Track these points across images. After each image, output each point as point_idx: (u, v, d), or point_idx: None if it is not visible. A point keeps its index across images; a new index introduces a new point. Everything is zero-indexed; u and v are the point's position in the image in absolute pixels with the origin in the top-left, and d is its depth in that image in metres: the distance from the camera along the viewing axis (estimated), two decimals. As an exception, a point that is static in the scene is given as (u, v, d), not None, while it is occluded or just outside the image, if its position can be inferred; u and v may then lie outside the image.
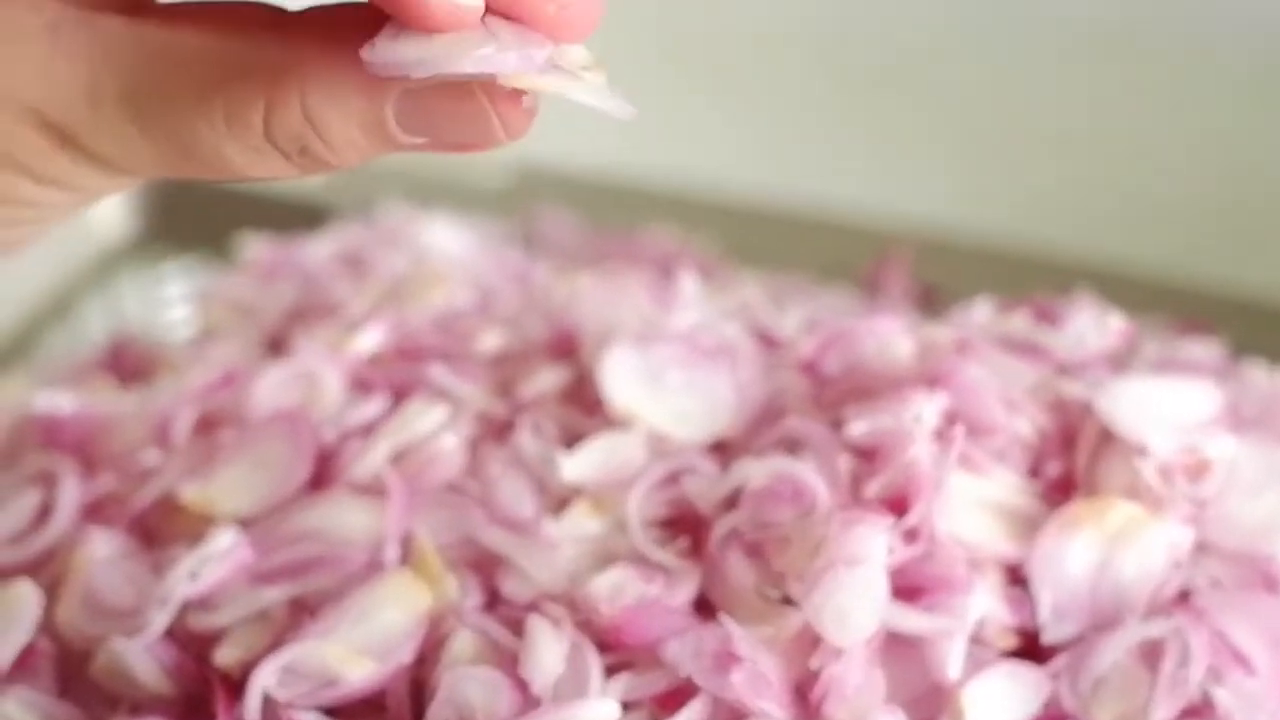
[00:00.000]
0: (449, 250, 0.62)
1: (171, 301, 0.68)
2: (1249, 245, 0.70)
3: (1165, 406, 0.49)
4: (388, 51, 0.33)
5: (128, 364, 0.59)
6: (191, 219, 0.73)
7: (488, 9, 0.34)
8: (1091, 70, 0.83)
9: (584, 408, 0.51)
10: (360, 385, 0.53)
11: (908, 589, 0.45)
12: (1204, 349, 0.56)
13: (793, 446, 0.48)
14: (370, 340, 0.54)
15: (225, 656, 0.46)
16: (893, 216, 0.70)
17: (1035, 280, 0.61)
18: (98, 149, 0.36)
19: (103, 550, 0.49)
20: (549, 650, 0.44)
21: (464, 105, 0.34)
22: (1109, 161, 0.77)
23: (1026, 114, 0.80)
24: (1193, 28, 0.83)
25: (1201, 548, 0.47)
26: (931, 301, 0.62)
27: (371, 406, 0.52)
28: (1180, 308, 0.63)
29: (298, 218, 0.68)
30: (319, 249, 0.62)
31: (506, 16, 0.34)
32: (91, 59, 0.35)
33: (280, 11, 0.36)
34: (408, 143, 0.35)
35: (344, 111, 0.35)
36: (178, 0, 0.37)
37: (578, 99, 0.34)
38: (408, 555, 0.47)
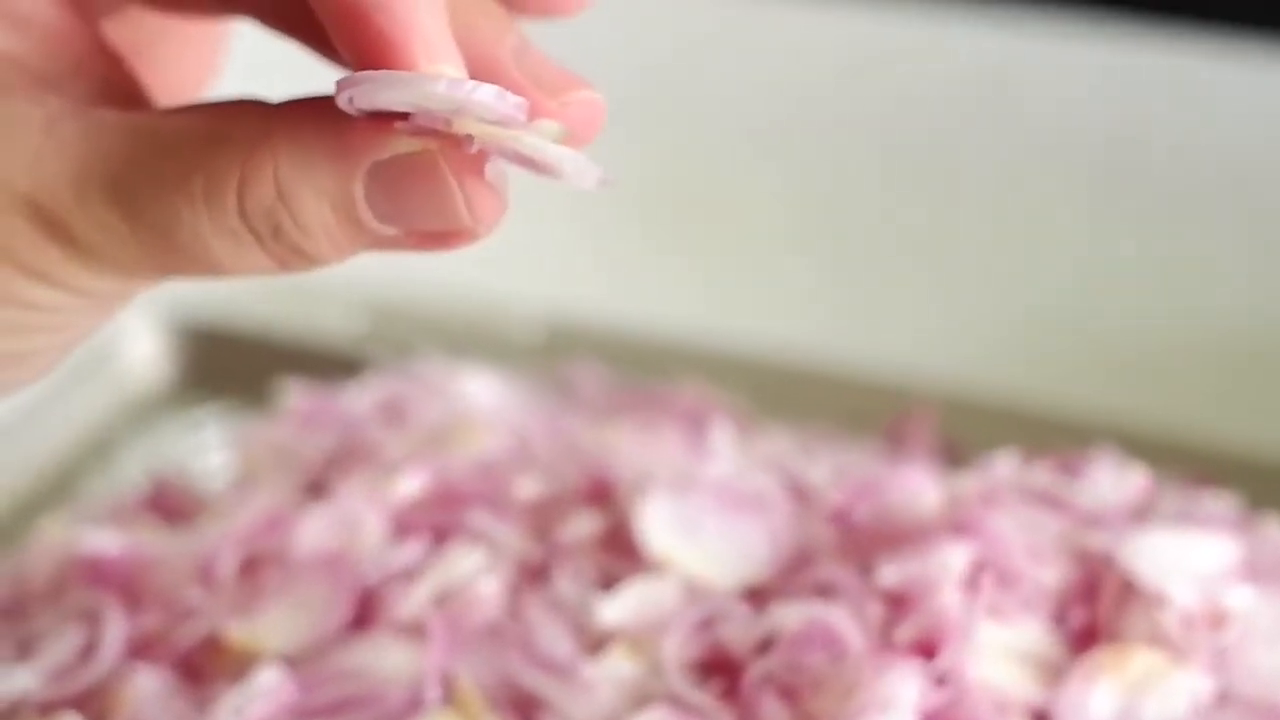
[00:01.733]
0: (485, 400, 0.63)
1: (209, 447, 0.69)
2: (1266, 402, 0.71)
3: (1185, 558, 0.50)
4: (359, 76, 0.34)
5: (170, 506, 0.60)
6: (226, 366, 0.75)
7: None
8: (1110, 227, 0.84)
9: (619, 553, 0.52)
10: (401, 529, 0.54)
11: (938, 732, 0.46)
12: (1220, 503, 0.57)
13: (824, 592, 0.49)
14: (410, 485, 0.55)
15: (268, 793, 0.47)
16: (914, 373, 0.71)
17: (1054, 436, 0.62)
18: (86, 238, 0.36)
19: (148, 686, 0.50)
20: (588, 790, 0.45)
21: (429, 180, 0.35)
22: (1127, 319, 0.78)
23: (1045, 273, 0.81)
24: (1219, 187, 0.85)
25: (1224, 697, 0.48)
26: (953, 456, 0.63)
27: (412, 549, 0.52)
28: (1195, 464, 0.64)
29: (333, 367, 0.69)
30: (358, 397, 0.63)
31: None
32: (82, 147, 0.36)
33: (269, 102, 0.37)
34: (379, 231, 0.35)
35: (315, 188, 0.35)
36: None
37: (548, 158, 0.34)
38: (449, 695, 0.48)
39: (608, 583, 0.51)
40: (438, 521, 0.53)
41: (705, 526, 0.52)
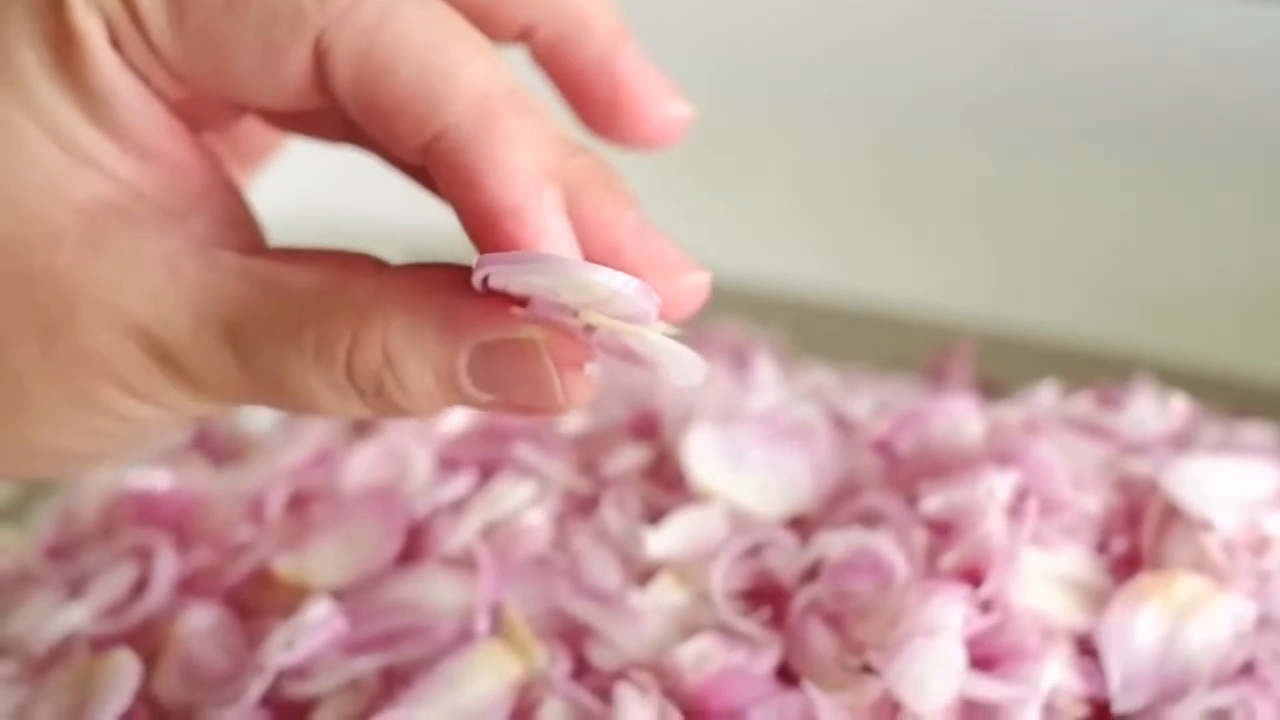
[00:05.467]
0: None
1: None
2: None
3: (1227, 484, 0.50)
4: (505, 256, 0.35)
5: (217, 446, 0.60)
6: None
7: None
8: (1148, 167, 0.84)
9: (665, 485, 0.52)
10: (448, 463, 0.54)
11: (983, 658, 0.46)
12: (1259, 432, 0.57)
13: (869, 521, 0.50)
14: (457, 420, 0.56)
15: (319, 724, 0.47)
16: (954, 311, 0.71)
17: (1093, 372, 0.62)
18: (195, 372, 0.38)
19: (199, 622, 0.50)
20: (636, 717, 0.45)
21: (530, 365, 0.36)
22: (1164, 257, 0.78)
23: (1085, 209, 0.81)
24: (1260, 127, 0.84)
25: (1264, 621, 0.48)
26: (992, 393, 0.63)
27: (460, 483, 0.53)
28: (1232, 398, 0.64)
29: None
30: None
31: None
32: (200, 287, 0.37)
33: (382, 261, 0.38)
34: (476, 399, 0.37)
35: (421, 356, 0.36)
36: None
37: (666, 356, 0.36)
38: (497, 626, 0.48)
39: (654, 514, 0.51)
40: (485, 456, 0.54)
41: (750, 457, 0.52)
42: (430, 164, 0.37)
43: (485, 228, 0.36)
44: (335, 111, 0.38)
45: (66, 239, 0.37)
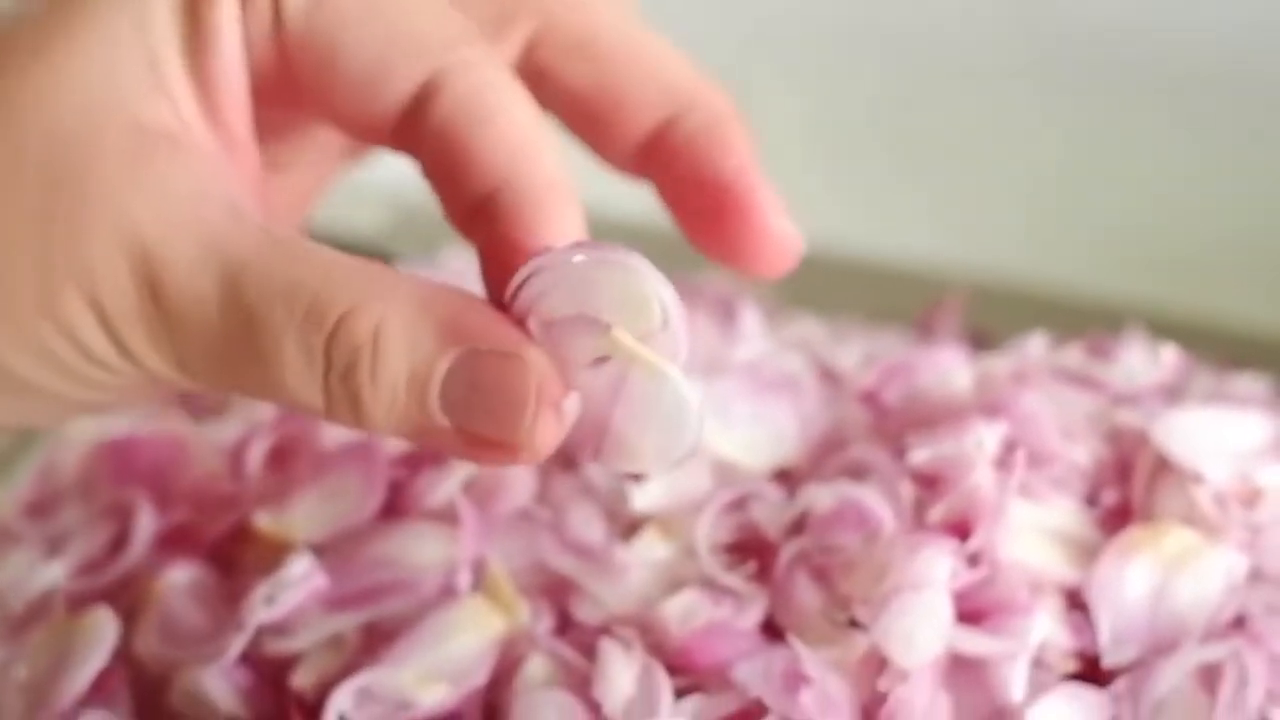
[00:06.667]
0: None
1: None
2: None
3: (1219, 436, 0.50)
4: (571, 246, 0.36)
5: (198, 399, 0.60)
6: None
7: None
8: (1140, 114, 0.84)
9: (650, 438, 0.52)
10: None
11: (971, 612, 0.45)
12: (1251, 384, 0.57)
13: (856, 473, 0.49)
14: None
15: (301, 680, 0.47)
16: (943, 262, 0.71)
17: (1083, 323, 0.62)
18: (175, 306, 0.37)
19: (179, 578, 0.50)
20: (621, 673, 0.45)
21: (511, 386, 0.36)
22: (1158, 206, 0.78)
23: (1076, 159, 0.81)
24: (1254, 77, 0.84)
25: (1256, 574, 0.48)
26: (982, 344, 0.63)
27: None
28: (1224, 349, 0.63)
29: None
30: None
31: None
32: (217, 228, 0.38)
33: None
34: (434, 421, 0.36)
35: (409, 347, 0.36)
36: None
37: (676, 397, 0.35)
38: (480, 581, 0.48)
39: (639, 467, 0.50)
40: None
41: (736, 409, 0.51)
42: (480, 215, 0.39)
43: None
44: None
45: (113, 145, 0.38)
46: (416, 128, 0.40)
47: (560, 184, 0.39)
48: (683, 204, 0.44)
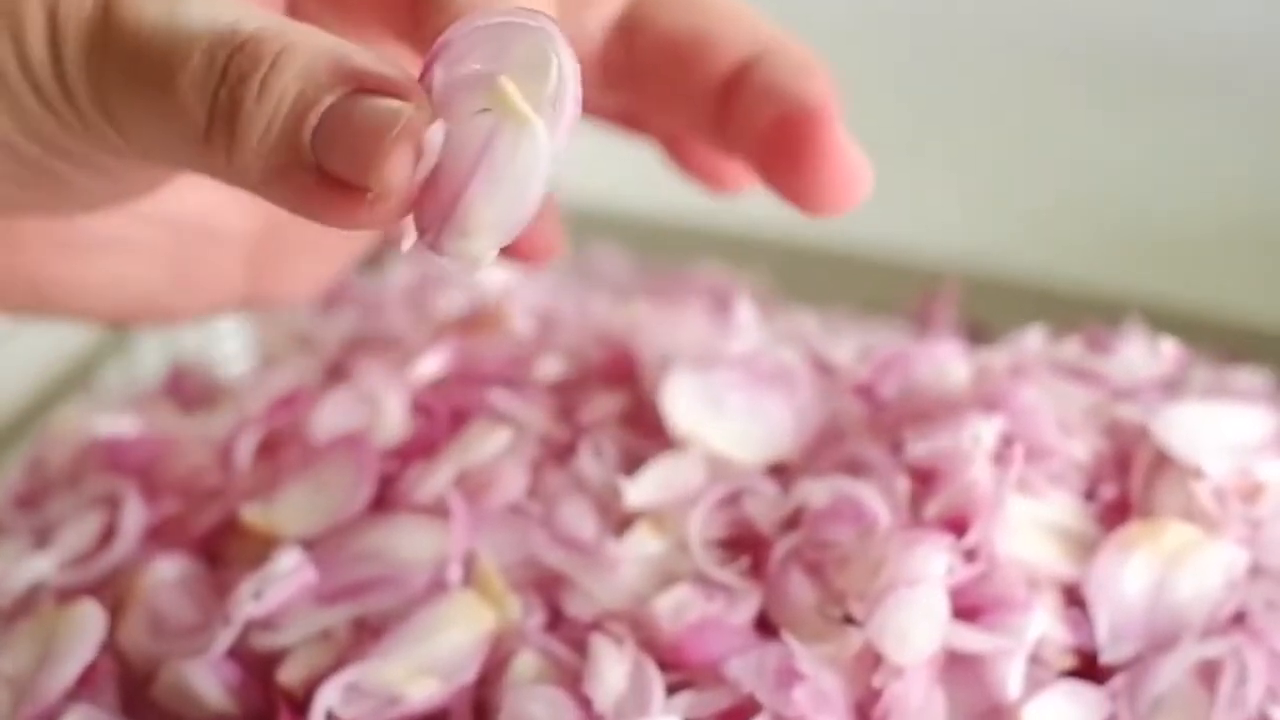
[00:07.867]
0: (507, 284, 0.63)
1: (228, 333, 0.68)
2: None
3: (1218, 430, 0.50)
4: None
5: (188, 392, 0.59)
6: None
7: None
8: (1139, 105, 0.83)
9: (643, 431, 0.51)
10: (421, 409, 0.53)
11: (967, 608, 0.45)
12: (1251, 377, 0.57)
13: (851, 468, 0.49)
14: (431, 366, 0.55)
15: (289, 676, 0.46)
16: (940, 254, 0.70)
17: (1081, 316, 0.61)
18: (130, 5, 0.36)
19: (167, 572, 0.49)
20: (612, 669, 0.44)
21: (382, 119, 0.34)
22: (1157, 198, 0.77)
23: (1074, 151, 0.81)
24: (1251, 69, 0.84)
25: (1256, 570, 0.47)
26: (979, 337, 0.63)
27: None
28: (1223, 342, 0.63)
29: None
30: (377, 283, 0.63)
31: None
32: None
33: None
34: (304, 154, 0.35)
35: (305, 71, 0.35)
36: None
37: (535, 136, 0.34)
38: (470, 576, 0.47)
39: (632, 462, 0.50)
40: (459, 402, 0.53)
41: (730, 403, 0.51)
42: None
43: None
44: None
45: None
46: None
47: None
48: (757, 138, 0.45)
